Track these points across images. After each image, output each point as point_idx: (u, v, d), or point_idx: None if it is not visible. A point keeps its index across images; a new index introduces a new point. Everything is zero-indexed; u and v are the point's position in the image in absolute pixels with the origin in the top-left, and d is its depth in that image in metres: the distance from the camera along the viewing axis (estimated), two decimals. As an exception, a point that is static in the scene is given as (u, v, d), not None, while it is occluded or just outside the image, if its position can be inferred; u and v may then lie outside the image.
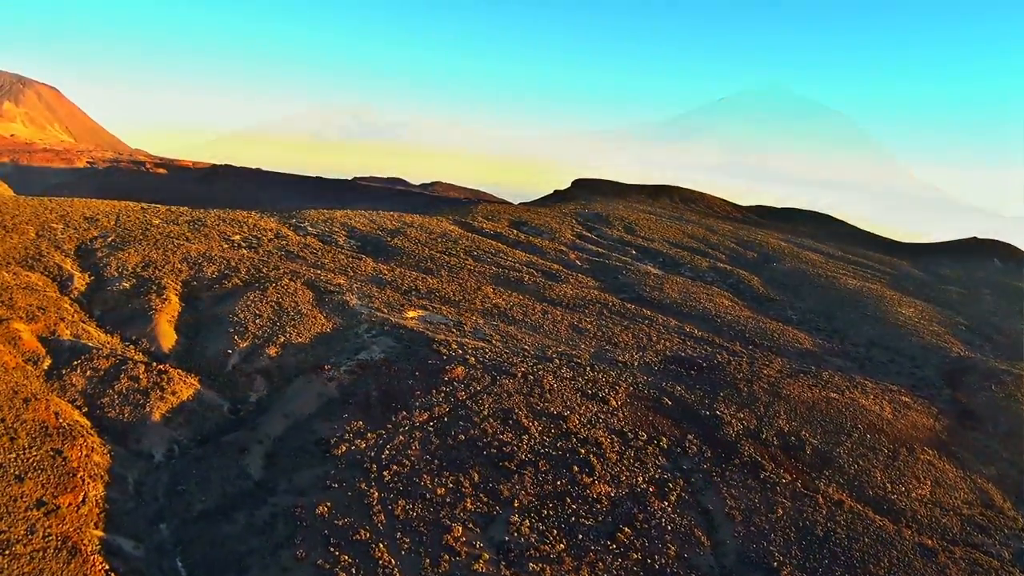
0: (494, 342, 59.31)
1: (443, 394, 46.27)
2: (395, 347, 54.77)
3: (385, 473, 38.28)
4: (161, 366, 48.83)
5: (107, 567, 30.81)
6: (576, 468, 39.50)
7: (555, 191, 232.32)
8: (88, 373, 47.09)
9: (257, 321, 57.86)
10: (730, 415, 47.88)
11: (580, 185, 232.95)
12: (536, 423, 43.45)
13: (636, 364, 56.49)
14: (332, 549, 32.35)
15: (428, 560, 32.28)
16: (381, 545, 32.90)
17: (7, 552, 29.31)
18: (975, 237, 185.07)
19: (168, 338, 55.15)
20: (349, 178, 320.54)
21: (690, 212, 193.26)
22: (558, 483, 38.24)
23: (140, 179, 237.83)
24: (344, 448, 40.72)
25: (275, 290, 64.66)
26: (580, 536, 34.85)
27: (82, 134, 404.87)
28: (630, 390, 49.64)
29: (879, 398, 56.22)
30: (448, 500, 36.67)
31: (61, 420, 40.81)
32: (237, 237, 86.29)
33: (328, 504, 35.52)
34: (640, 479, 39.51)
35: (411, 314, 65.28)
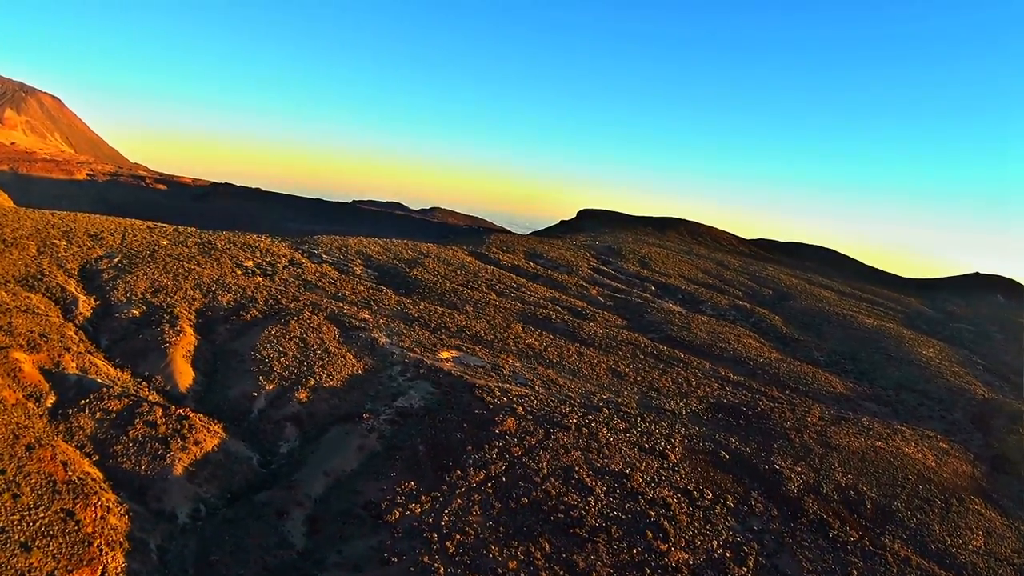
0: (537, 388, 55.75)
1: (496, 449, 42.54)
2: (434, 393, 50.69)
3: (448, 544, 33.47)
4: (181, 410, 43.69)
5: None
6: (650, 533, 36.52)
7: (561, 221, 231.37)
8: (98, 415, 41.98)
9: (282, 360, 53.05)
10: (788, 468, 46.15)
11: (586, 216, 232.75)
12: (599, 482, 40.35)
13: (684, 413, 54.61)
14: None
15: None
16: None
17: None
18: (977, 272, 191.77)
19: (185, 376, 50.15)
20: (348, 201, 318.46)
21: (699, 246, 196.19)
22: (634, 551, 35.10)
23: (140, 194, 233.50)
24: (398, 513, 35.90)
25: (297, 324, 59.97)
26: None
27: (82, 145, 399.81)
28: (685, 443, 47.46)
29: (920, 445, 55.62)
30: (521, 574, 32.25)
31: (70, 472, 35.75)
32: (250, 263, 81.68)
33: (390, 582, 30.70)
34: (714, 543, 37.00)
35: (445, 355, 61.15)
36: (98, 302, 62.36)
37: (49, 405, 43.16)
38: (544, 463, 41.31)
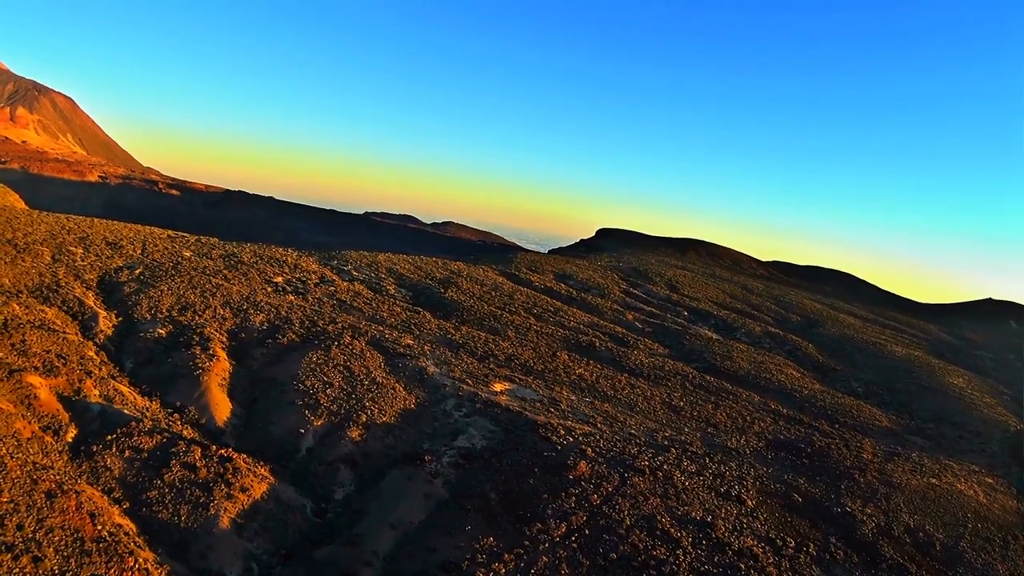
0: (599, 425, 52.27)
1: (574, 498, 38.84)
2: (496, 431, 46.74)
3: (543, 607, 28.79)
4: (223, 450, 38.39)
5: None
6: (744, 588, 34.08)
7: (581, 240, 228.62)
8: (127, 453, 36.78)
9: (328, 391, 47.91)
10: (858, 510, 44.58)
11: (605, 235, 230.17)
12: (684, 533, 37.60)
13: (748, 451, 52.97)
14: None
15: None
16: None
17: None
18: (990, 298, 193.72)
19: (222, 408, 44.91)
20: (361, 212, 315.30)
21: (720, 268, 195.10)
22: (733, 607, 32.73)
23: (152, 198, 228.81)
24: (481, 575, 31.07)
25: (339, 350, 54.94)
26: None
27: (94, 147, 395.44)
28: (758, 485, 45.35)
29: (969, 481, 54.74)
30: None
31: (100, 526, 30.50)
32: (280, 279, 76.72)
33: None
34: (806, 594, 35.00)
35: (498, 387, 56.76)
36: (120, 319, 57.43)
37: (69, 440, 38.01)
38: (625, 512, 38.17)
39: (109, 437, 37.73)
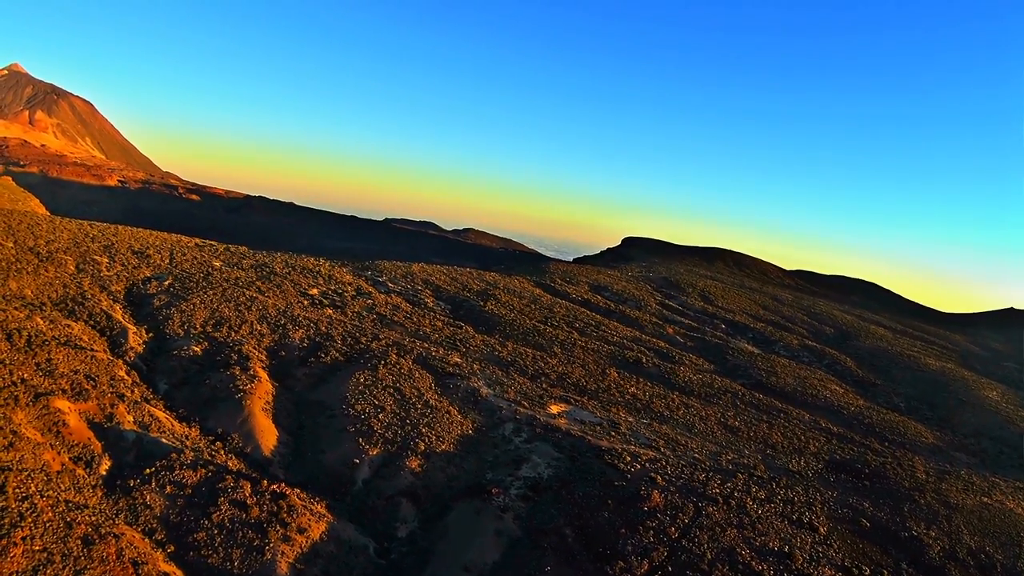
0: (662, 449, 49.66)
1: (652, 531, 36.48)
2: (560, 459, 43.46)
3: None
4: (275, 486, 34.57)
5: None
6: (830, 620, 32.91)
7: (608, 249, 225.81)
8: (168, 489, 33.07)
9: (381, 416, 44.17)
10: (924, 534, 43.31)
11: (631, 244, 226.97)
12: (765, 565, 35.71)
13: (810, 474, 51.60)
14: None
15: None
16: None
17: None
18: (1012, 308, 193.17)
19: (268, 435, 41.15)
20: (381, 218, 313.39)
21: (748, 278, 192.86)
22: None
23: (172, 204, 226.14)
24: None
25: (387, 370, 51.26)
26: None
27: (113, 151, 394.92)
28: (826, 510, 43.73)
29: (1017, 499, 52.96)
30: None
31: (143, 578, 27.08)
32: (315, 291, 73.16)
33: None
34: (887, 623, 33.64)
35: (555, 409, 53.45)
36: (151, 334, 53.90)
37: (103, 472, 34.35)
38: (705, 546, 36.03)
39: (148, 470, 34.07)
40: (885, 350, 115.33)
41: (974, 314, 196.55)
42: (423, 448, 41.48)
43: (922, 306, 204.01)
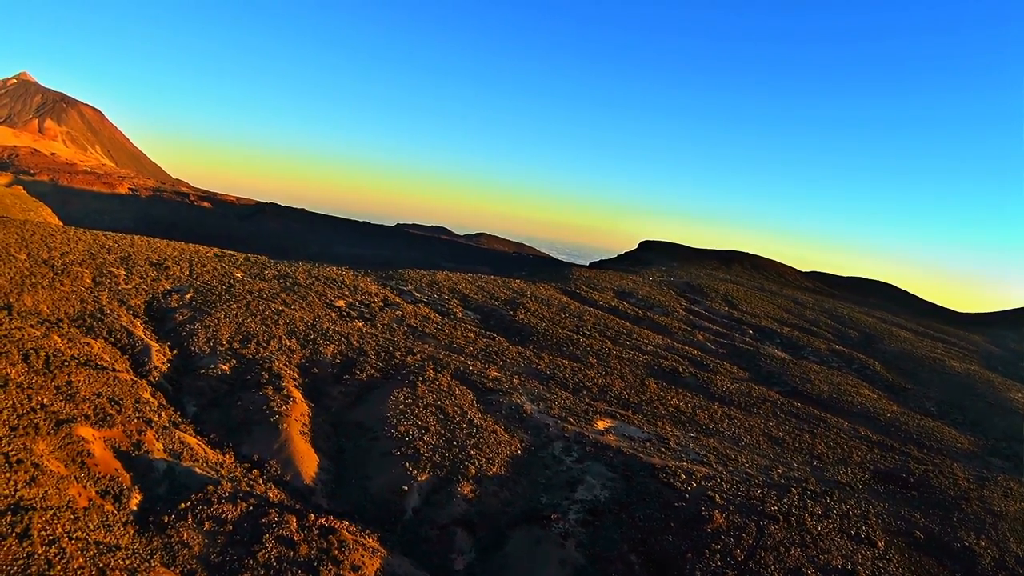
0: (713, 465, 47.49)
1: (718, 554, 34.94)
2: (614, 479, 41.31)
3: None
4: (323, 519, 31.62)
5: None
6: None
7: (626, 253, 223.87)
8: (207, 525, 30.22)
9: (426, 437, 41.38)
10: (974, 543, 42.76)
11: (648, 247, 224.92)
12: None
13: (859, 486, 50.56)
14: None
15: None
16: None
17: None
18: None
19: (308, 461, 38.31)
20: (393, 223, 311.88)
21: (767, 281, 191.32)
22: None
23: (183, 211, 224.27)
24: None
25: (426, 387, 48.47)
26: None
27: (123, 159, 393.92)
28: (881, 523, 42.84)
29: None
30: None
31: (186, 633, 24.29)
32: (342, 303, 70.46)
33: None
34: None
35: (601, 424, 50.88)
36: (175, 352, 51.21)
37: (134, 507, 31.48)
38: (772, 567, 34.80)
39: (183, 505, 31.23)
40: (910, 353, 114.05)
41: (989, 314, 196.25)
42: (474, 472, 38.79)
43: (938, 306, 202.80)
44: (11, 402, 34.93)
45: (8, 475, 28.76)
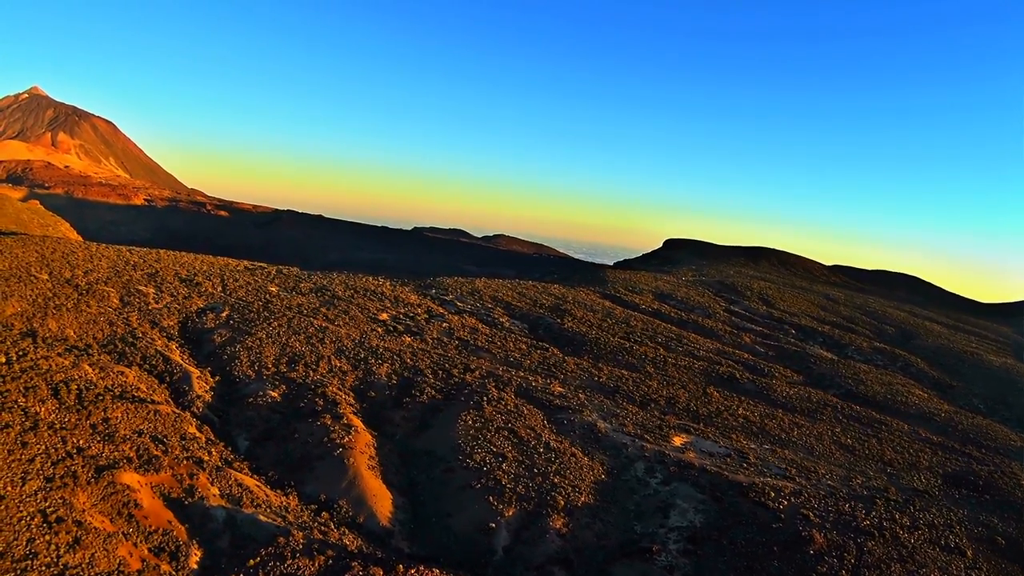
0: (797, 479, 44.82)
1: None
2: (705, 501, 38.53)
3: None
4: (413, 570, 27.90)
5: None
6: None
7: (653, 252, 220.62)
8: (282, 585, 26.69)
9: (505, 466, 37.70)
10: None
11: (673, 246, 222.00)
12: None
13: (937, 493, 49.00)
14: None
15: None
16: None
17: None
18: None
19: (382, 500, 34.55)
20: (410, 227, 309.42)
21: (795, 276, 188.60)
22: None
23: (201, 221, 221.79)
24: None
25: (492, 408, 44.84)
26: None
27: (137, 170, 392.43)
28: (964, 531, 41.33)
29: None
30: None
31: None
32: (385, 316, 66.88)
33: None
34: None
35: (678, 441, 47.55)
36: (217, 378, 47.62)
37: (195, 567, 27.69)
38: None
39: (251, 562, 27.64)
40: (948, 348, 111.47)
41: (1013, 304, 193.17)
42: (563, 503, 35.20)
43: (962, 298, 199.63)
44: (43, 447, 31.23)
45: (48, 537, 25.11)
